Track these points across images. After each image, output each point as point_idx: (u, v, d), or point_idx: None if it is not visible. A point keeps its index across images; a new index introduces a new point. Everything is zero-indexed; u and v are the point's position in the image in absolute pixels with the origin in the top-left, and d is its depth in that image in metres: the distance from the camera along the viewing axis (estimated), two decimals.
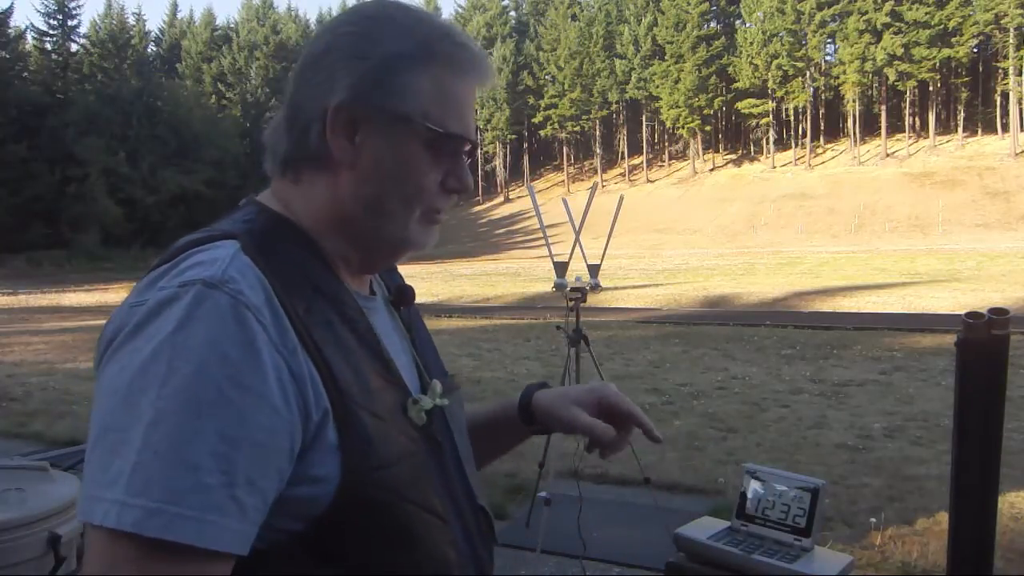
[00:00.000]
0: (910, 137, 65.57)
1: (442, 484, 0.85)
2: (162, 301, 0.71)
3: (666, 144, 78.97)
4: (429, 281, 26.96)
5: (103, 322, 0.76)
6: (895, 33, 61.23)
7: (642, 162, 75.62)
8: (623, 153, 78.05)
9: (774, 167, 68.41)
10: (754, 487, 1.54)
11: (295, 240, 0.82)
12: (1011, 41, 58.26)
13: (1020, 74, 59.15)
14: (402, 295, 0.99)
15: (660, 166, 77.58)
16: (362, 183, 0.83)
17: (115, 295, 24.35)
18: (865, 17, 62.07)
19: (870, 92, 68.83)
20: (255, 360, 0.69)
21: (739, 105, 68.95)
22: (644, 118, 74.74)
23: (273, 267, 0.76)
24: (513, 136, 78.68)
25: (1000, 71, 62.79)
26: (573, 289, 4.30)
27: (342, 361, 0.76)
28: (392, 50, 0.82)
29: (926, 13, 59.82)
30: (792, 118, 69.43)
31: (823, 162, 67.64)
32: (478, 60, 0.86)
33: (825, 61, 69.51)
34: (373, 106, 0.81)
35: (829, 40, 67.14)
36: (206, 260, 0.74)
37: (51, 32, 60.80)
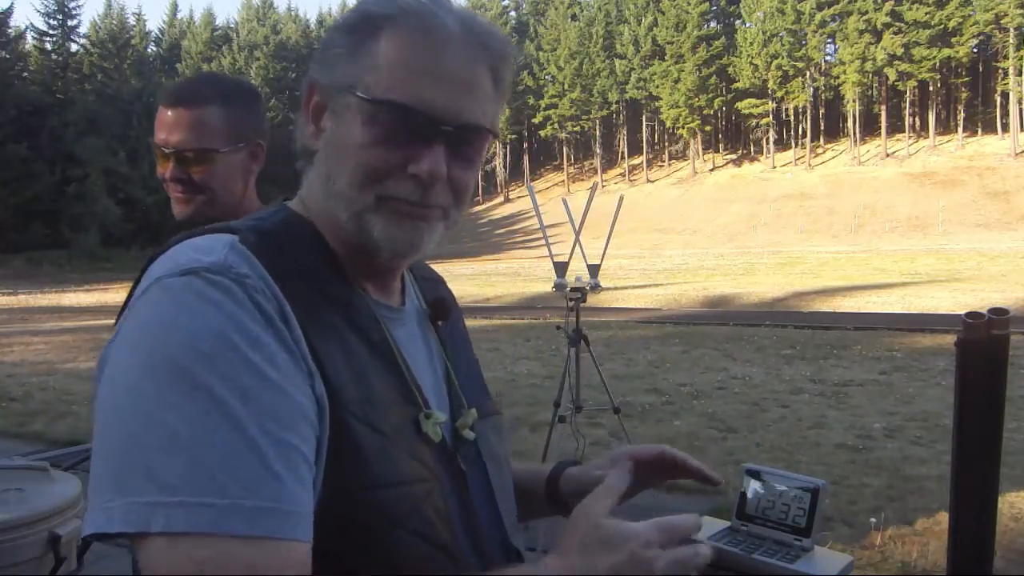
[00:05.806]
0: (910, 137, 65.56)
1: (462, 517, 0.78)
2: (167, 289, 0.68)
3: (666, 144, 78.96)
4: None
5: (103, 322, 0.73)
6: (895, 33, 61.23)
7: (642, 162, 75.62)
8: (623, 153, 78.05)
9: (774, 167, 68.40)
10: (754, 487, 1.53)
11: (307, 242, 0.79)
12: (1011, 41, 58.26)
13: (1020, 74, 59.14)
14: (439, 308, 0.92)
15: (660, 166, 77.57)
16: (322, 163, 0.80)
17: (115, 295, 24.33)
18: (865, 17, 62.07)
19: (870, 92, 68.82)
20: (279, 337, 0.67)
21: (739, 105, 68.96)
22: (644, 118, 74.73)
23: (271, 263, 0.72)
24: (513, 136, 78.71)
25: (1000, 71, 62.78)
26: (573, 289, 4.31)
27: (343, 367, 0.71)
28: (342, 26, 0.80)
29: (926, 13, 59.82)
30: (792, 118, 69.43)
31: (823, 162, 67.64)
32: (430, 22, 0.76)
33: (825, 61, 69.51)
34: (323, 84, 0.79)
35: (829, 40, 67.15)
36: (204, 247, 0.71)
37: (51, 32, 60.91)
